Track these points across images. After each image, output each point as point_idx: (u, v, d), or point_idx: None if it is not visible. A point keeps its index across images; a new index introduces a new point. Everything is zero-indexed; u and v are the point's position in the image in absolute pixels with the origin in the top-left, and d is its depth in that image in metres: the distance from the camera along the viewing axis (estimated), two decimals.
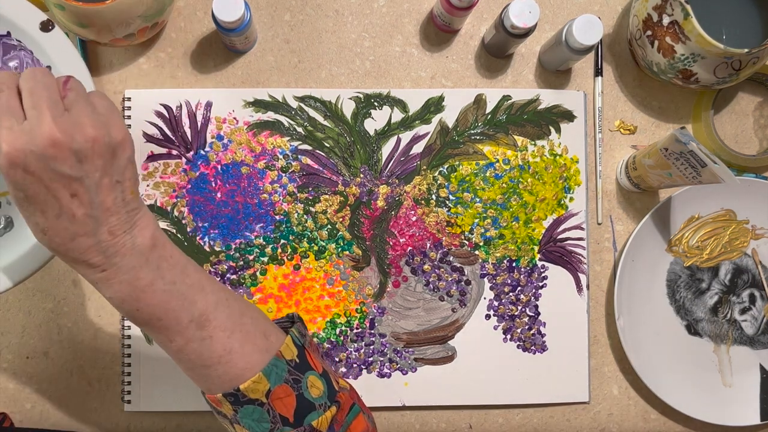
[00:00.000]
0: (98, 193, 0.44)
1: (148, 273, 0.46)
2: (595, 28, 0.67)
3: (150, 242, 0.47)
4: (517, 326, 0.74)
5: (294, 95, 0.73)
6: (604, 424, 0.76)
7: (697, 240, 0.76)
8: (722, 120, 0.78)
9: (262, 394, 0.49)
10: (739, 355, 0.77)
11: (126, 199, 0.46)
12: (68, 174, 0.42)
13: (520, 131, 0.74)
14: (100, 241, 0.45)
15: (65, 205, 0.43)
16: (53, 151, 0.41)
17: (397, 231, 0.74)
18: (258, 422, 0.49)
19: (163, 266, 0.47)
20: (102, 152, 0.43)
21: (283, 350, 0.50)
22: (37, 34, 0.59)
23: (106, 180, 0.44)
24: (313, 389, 0.51)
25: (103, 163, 0.44)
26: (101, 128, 0.43)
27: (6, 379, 0.72)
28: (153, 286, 0.47)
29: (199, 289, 0.49)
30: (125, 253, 0.46)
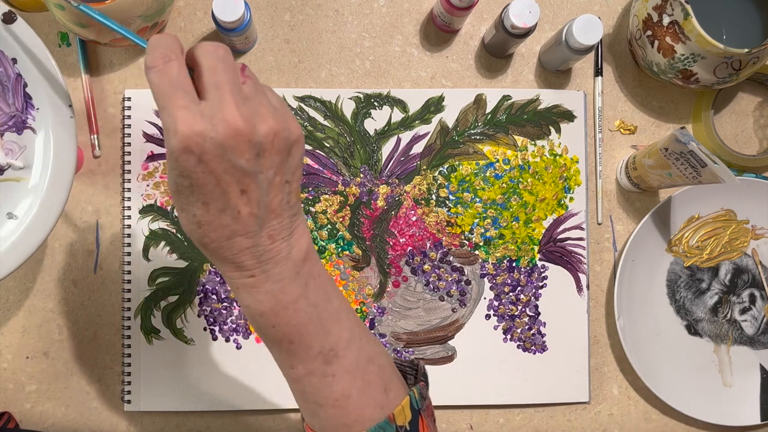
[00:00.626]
0: (269, 192, 0.40)
1: (296, 288, 0.42)
2: (595, 28, 0.67)
3: (304, 255, 0.43)
4: (517, 326, 0.74)
5: (294, 95, 0.73)
6: (605, 424, 0.76)
7: (697, 240, 0.76)
8: (722, 120, 0.78)
9: None
10: (740, 355, 0.77)
11: (291, 202, 0.42)
12: (244, 168, 0.39)
13: (520, 131, 0.74)
14: (258, 243, 0.41)
15: (233, 200, 0.39)
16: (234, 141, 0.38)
17: (397, 231, 0.74)
18: None
19: (311, 285, 0.43)
20: (280, 148, 0.40)
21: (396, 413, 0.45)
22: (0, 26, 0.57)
23: (278, 179, 0.41)
24: None
25: (280, 160, 0.40)
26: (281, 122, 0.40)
27: (6, 379, 0.72)
28: (296, 305, 0.43)
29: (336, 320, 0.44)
30: (279, 261, 0.42)
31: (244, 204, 0.39)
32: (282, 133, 0.40)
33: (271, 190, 0.40)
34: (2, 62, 0.58)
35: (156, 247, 0.71)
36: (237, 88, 0.39)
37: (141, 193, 0.71)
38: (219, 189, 0.39)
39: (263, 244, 0.41)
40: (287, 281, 0.42)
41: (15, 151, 0.60)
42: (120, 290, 0.72)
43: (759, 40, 0.69)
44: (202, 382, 0.71)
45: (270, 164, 0.40)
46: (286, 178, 0.41)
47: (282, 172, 0.41)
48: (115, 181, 0.72)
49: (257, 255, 0.41)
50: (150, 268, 0.71)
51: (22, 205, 0.60)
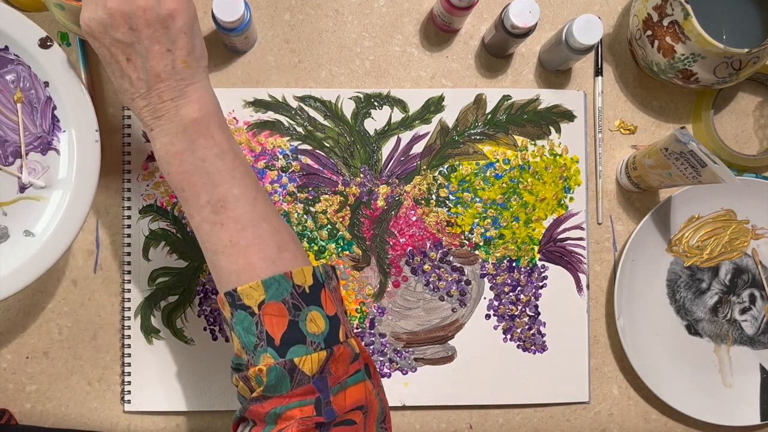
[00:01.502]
0: (148, 59, 0.49)
1: (182, 142, 0.50)
2: (595, 28, 0.67)
3: (195, 115, 0.50)
4: (517, 326, 0.74)
5: (294, 95, 0.73)
6: (605, 424, 0.76)
7: (697, 240, 0.76)
8: (722, 120, 0.78)
9: (255, 302, 0.48)
10: (740, 355, 0.77)
11: (176, 68, 0.50)
12: (122, 39, 0.49)
13: (520, 131, 0.74)
14: (151, 103, 0.50)
15: (123, 68, 0.50)
16: (110, 18, 0.48)
17: (397, 231, 0.74)
18: (246, 332, 0.49)
19: (199, 142, 0.51)
20: (152, 21, 0.48)
21: (295, 273, 0.50)
22: (36, 50, 0.60)
23: (157, 47, 0.49)
24: (312, 324, 0.49)
25: (153, 32, 0.49)
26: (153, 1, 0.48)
27: (6, 379, 0.72)
28: (182, 156, 0.50)
29: (228, 176, 0.51)
30: (169, 118, 0.50)
31: (132, 70, 0.50)
32: (152, 8, 0.48)
33: (150, 57, 0.49)
34: (34, 85, 0.60)
35: (156, 247, 0.71)
36: None
37: (141, 193, 0.71)
38: (114, 60, 0.50)
39: (154, 102, 0.51)
40: (173, 135, 0.51)
41: (38, 170, 0.62)
42: (120, 290, 0.72)
43: (759, 40, 0.69)
44: (202, 382, 0.71)
45: (144, 35, 0.49)
46: (167, 47, 0.50)
47: (161, 42, 0.49)
48: (115, 181, 0.72)
49: (152, 112, 0.51)
50: (150, 268, 0.71)
51: (40, 223, 0.61)
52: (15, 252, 0.60)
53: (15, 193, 0.61)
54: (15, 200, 0.61)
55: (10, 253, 0.60)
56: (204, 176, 0.51)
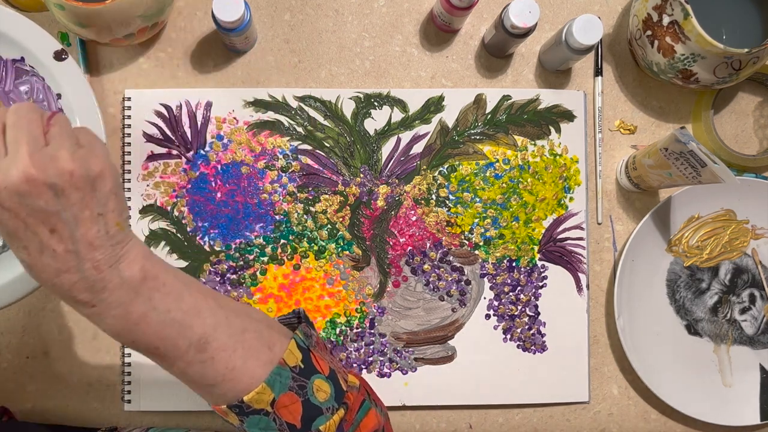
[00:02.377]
0: (78, 227, 0.43)
1: (140, 306, 0.45)
2: (595, 28, 0.67)
3: (140, 275, 0.45)
4: (517, 326, 0.74)
5: (294, 95, 0.73)
6: (604, 424, 0.76)
7: (697, 240, 0.76)
8: (722, 120, 0.78)
9: (266, 404, 0.48)
10: (739, 355, 0.77)
11: (110, 232, 0.44)
12: (45, 209, 0.41)
13: (520, 131, 0.74)
14: (86, 277, 0.43)
15: (45, 240, 0.42)
16: (27, 186, 0.41)
17: (397, 231, 0.74)
18: (264, 431, 0.49)
19: (155, 297, 0.46)
20: (80, 185, 0.42)
21: (286, 357, 0.49)
22: (51, 62, 0.60)
23: (87, 213, 0.43)
24: (320, 393, 0.50)
25: (82, 196, 0.42)
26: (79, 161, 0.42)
27: (6, 379, 0.72)
28: (146, 318, 0.45)
29: (195, 314, 0.47)
30: (113, 288, 0.44)
31: (56, 242, 0.42)
32: (79, 171, 0.42)
33: (80, 224, 0.43)
34: (47, 96, 0.61)
35: (156, 247, 0.71)
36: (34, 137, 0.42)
37: (141, 193, 0.71)
38: (30, 232, 0.42)
39: (90, 276, 0.43)
40: (128, 303, 0.45)
41: None
42: None
43: (759, 40, 0.69)
44: None
45: (72, 201, 0.42)
46: (98, 210, 0.43)
47: (90, 207, 0.43)
48: None
49: (89, 287, 0.44)
50: None
51: None
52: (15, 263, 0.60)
53: None
54: None
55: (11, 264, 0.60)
56: (174, 326, 0.46)
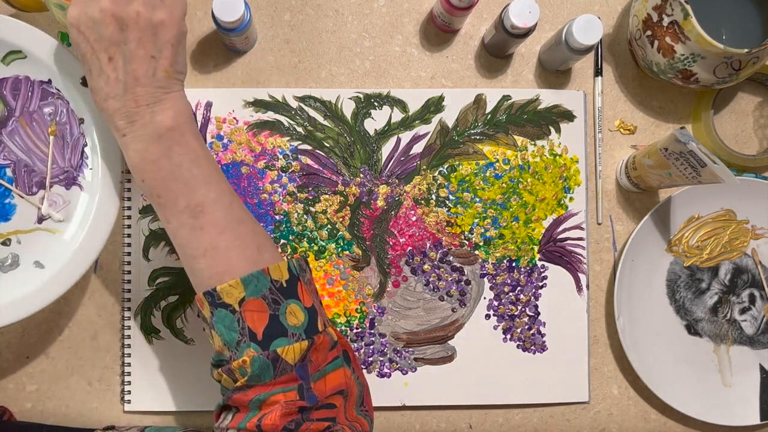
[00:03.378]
0: (131, 62, 0.49)
1: (158, 149, 0.50)
2: (595, 28, 0.67)
3: (170, 122, 0.50)
4: (517, 326, 0.74)
5: (294, 95, 0.73)
6: (604, 424, 0.76)
7: (697, 240, 0.76)
8: (722, 120, 0.78)
9: (235, 300, 0.49)
10: (739, 355, 0.77)
11: (157, 76, 0.50)
12: (109, 38, 0.49)
13: (520, 131, 0.74)
14: (125, 106, 0.50)
15: (103, 66, 0.50)
16: (101, 15, 0.49)
17: (397, 231, 0.74)
18: (228, 330, 0.50)
19: (175, 149, 0.51)
20: (143, 26, 0.49)
21: (272, 269, 0.50)
22: (77, 87, 0.61)
23: (142, 52, 0.49)
24: (291, 317, 0.50)
25: (141, 36, 0.49)
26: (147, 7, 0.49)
27: (6, 379, 0.72)
28: (159, 163, 0.50)
29: (204, 182, 0.51)
30: (144, 124, 0.50)
31: (111, 70, 0.50)
32: (145, 13, 0.49)
33: (133, 59, 0.49)
34: (70, 120, 0.61)
35: (156, 247, 0.71)
36: None
37: (141, 193, 0.71)
38: (94, 56, 0.50)
39: (129, 106, 0.50)
40: (149, 141, 0.50)
41: (59, 203, 0.62)
42: (120, 290, 0.72)
43: (759, 40, 0.69)
44: (202, 382, 0.71)
45: (132, 38, 0.49)
46: (152, 53, 0.50)
47: (146, 47, 0.50)
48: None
49: (126, 116, 0.50)
50: (150, 268, 0.71)
51: (52, 256, 0.61)
52: (22, 281, 0.61)
53: (33, 223, 0.62)
54: (32, 230, 0.62)
55: (18, 282, 0.61)
56: (181, 182, 0.51)
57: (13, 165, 0.61)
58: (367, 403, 0.56)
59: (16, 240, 0.61)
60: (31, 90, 0.61)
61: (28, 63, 0.60)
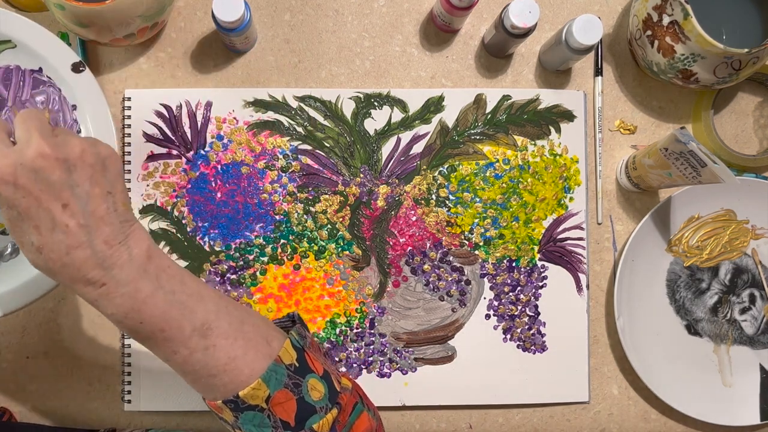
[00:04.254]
0: (89, 202, 0.44)
1: (148, 284, 0.46)
2: (595, 28, 0.67)
3: (146, 253, 0.47)
4: (517, 326, 0.74)
5: (294, 95, 0.73)
6: (604, 424, 0.76)
7: (697, 240, 0.76)
8: (722, 120, 0.78)
9: (262, 400, 0.49)
10: (739, 355, 0.77)
11: (118, 210, 0.46)
12: (57, 182, 0.43)
13: (520, 131, 0.74)
14: (96, 252, 0.44)
15: (57, 216, 0.43)
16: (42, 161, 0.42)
17: (397, 231, 0.74)
18: (259, 427, 0.49)
19: (162, 276, 0.47)
20: (92, 162, 0.45)
21: (282, 355, 0.50)
22: (68, 74, 0.61)
23: (97, 189, 0.45)
24: (314, 392, 0.50)
25: (93, 173, 0.45)
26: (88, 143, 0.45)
27: (6, 379, 0.72)
28: (154, 297, 0.46)
29: (198, 299, 0.49)
30: (123, 264, 0.45)
31: (69, 217, 0.43)
32: (90, 149, 0.45)
33: (91, 200, 0.44)
34: (62, 107, 0.62)
35: None
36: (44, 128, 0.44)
37: (141, 193, 0.71)
38: (42, 209, 0.43)
39: (102, 251, 0.44)
40: (137, 280, 0.46)
41: None
42: None
43: (759, 40, 0.69)
44: None
45: (84, 176, 0.44)
46: (107, 189, 0.45)
47: (100, 184, 0.45)
48: None
49: (100, 263, 0.44)
50: None
51: None
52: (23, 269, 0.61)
53: None
54: None
55: (19, 269, 0.61)
56: (179, 308, 0.47)
57: None
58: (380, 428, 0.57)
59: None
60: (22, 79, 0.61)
61: (18, 52, 0.60)
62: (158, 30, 0.70)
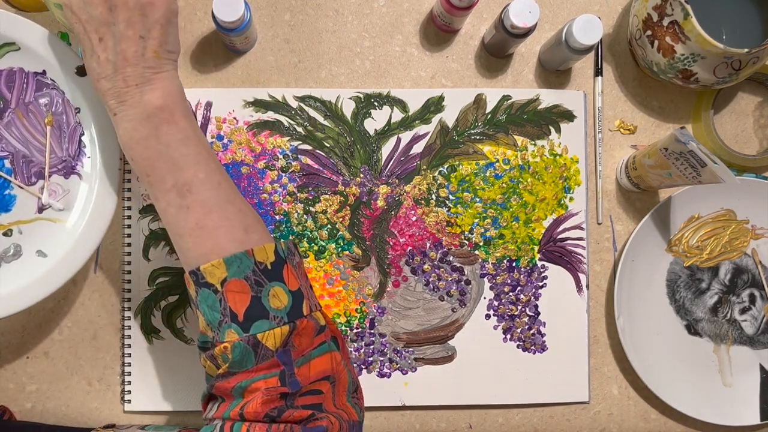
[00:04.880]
0: (120, 42, 0.50)
1: (145, 128, 0.51)
2: (595, 28, 0.67)
3: (158, 102, 0.51)
4: (517, 326, 0.74)
5: (294, 95, 0.73)
6: (604, 424, 0.76)
7: (697, 240, 0.76)
8: (722, 120, 0.78)
9: (218, 280, 0.49)
10: (739, 355, 0.77)
11: (146, 56, 0.51)
12: (98, 18, 0.50)
13: (520, 131, 0.74)
14: (115, 86, 0.51)
15: (95, 46, 0.51)
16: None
17: (397, 231, 0.74)
18: (211, 309, 0.50)
19: (163, 128, 0.51)
20: (132, 6, 0.50)
21: (256, 250, 0.50)
22: (72, 77, 0.61)
23: (131, 32, 0.50)
24: (274, 299, 0.50)
25: (130, 16, 0.50)
26: None
27: (6, 379, 0.72)
28: (146, 142, 0.51)
29: (193, 162, 0.51)
30: (132, 104, 0.51)
31: (101, 50, 0.51)
32: None
33: (123, 40, 0.50)
34: (66, 110, 0.62)
35: (156, 247, 0.71)
36: None
37: (141, 193, 0.71)
38: (86, 36, 0.51)
39: (119, 86, 0.51)
40: (137, 120, 0.51)
41: (59, 193, 0.62)
42: (120, 290, 0.72)
43: (759, 40, 0.69)
44: (203, 382, 0.71)
45: (122, 18, 0.50)
46: (140, 33, 0.51)
47: (135, 27, 0.50)
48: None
49: (116, 95, 0.51)
50: (150, 268, 0.71)
51: (54, 245, 0.62)
52: (25, 271, 0.61)
53: (33, 213, 0.62)
54: (32, 220, 0.62)
55: (21, 271, 0.61)
56: (168, 161, 0.51)
57: (11, 156, 0.61)
58: (359, 393, 0.55)
59: (17, 230, 0.61)
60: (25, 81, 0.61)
61: (22, 55, 0.60)
62: None
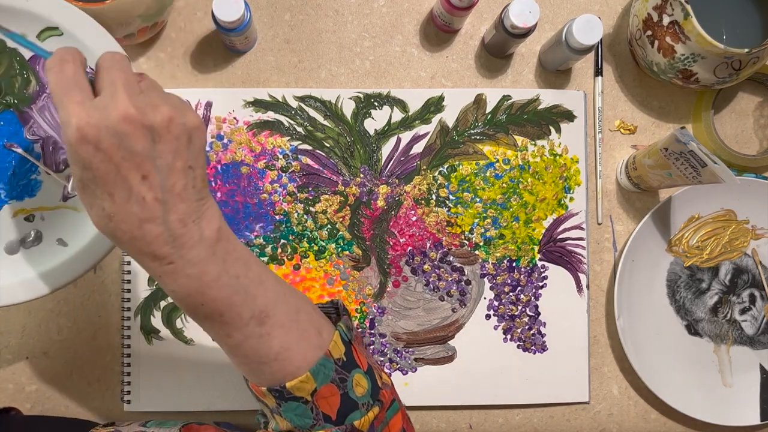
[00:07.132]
0: (169, 177, 0.42)
1: (215, 266, 0.44)
2: (595, 28, 0.67)
3: (217, 234, 0.44)
4: (517, 326, 0.74)
5: (294, 95, 0.73)
6: (604, 424, 0.76)
7: (697, 240, 0.76)
8: (722, 120, 0.78)
9: (307, 393, 0.48)
10: (739, 355, 0.77)
11: (197, 187, 0.43)
12: (141, 153, 0.40)
13: (520, 131, 0.74)
14: (169, 229, 0.42)
15: (135, 187, 0.41)
16: (127, 126, 0.39)
17: (397, 231, 0.74)
18: (300, 417, 0.48)
19: (228, 260, 0.45)
20: (178, 134, 0.42)
21: (331, 348, 0.48)
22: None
23: (179, 164, 0.42)
24: (358, 388, 0.49)
25: (178, 145, 0.42)
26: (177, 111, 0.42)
27: (6, 379, 0.72)
28: (218, 281, 0.44)
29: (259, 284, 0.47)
30: (193, 244, 0.43)
31: (147, 190, 0.41)
32: (178, 119, 0.41)
33: (172, 174, 0.42)
34: None
35: None
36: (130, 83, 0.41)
37: None
38: (120, 177, 0.40)
39: (174, 229, 0.42)
40: (205, 262, 0.44)
41: None
42: (120, 290, 0.72)
43: (759, 40, 0.69)
44: (202, 382, 0.71)
45: (168, 149, 0.41)
46: (189, 163, 0.43)
47: (183, 158, 0.42)
48: None
49: (170, 241, 0.42)
50: None
51: (75, 235, 0.60)
52: (44, 258, 0.60)
53: (58, 200, 0.60)
54: (56, 207, 0.61)
55: (39, 258, 0.60)
56: (242, 293, 0.45)
57: (42, 141, 0.60)
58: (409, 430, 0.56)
59: (39, 216, 0.61)
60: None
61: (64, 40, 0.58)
62: (158, 30, 0.70)
